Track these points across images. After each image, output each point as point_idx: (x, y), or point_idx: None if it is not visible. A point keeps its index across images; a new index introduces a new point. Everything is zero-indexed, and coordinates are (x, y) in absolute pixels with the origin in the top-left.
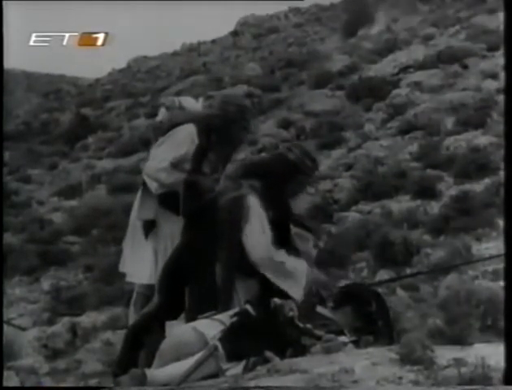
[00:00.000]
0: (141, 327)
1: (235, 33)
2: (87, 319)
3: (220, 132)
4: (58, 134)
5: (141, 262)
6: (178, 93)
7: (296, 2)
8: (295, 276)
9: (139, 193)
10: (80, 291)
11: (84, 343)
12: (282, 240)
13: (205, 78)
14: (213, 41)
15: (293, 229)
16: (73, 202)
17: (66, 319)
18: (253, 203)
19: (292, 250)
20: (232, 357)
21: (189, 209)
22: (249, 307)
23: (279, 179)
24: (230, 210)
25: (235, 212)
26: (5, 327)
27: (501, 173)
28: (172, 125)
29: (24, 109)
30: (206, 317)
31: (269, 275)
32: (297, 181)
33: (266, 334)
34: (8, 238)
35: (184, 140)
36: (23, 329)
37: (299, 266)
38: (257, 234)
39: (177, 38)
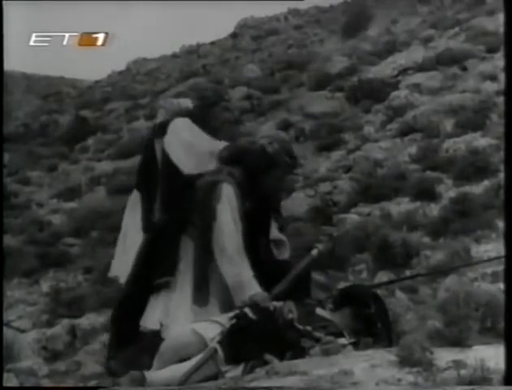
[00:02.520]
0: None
1: (234, 35)
2: (86, 321)
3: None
4: (58, 136)
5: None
6: (177, 95)
7: (295, 3)
8: (240, 287)
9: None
10: (80, 293)
11: (83, 345)
12: (255, 234)
13: (204, 80)
14: (212, 43)
15: (273, 234)
16: (72, 204)
17: (65, 321)
18: (228, 191)
19: (258, 263)
20: (232, 359)
21: (168, 188)
22: (248, 310)
23: (257, 170)
24: (205, 193)
25: (209, 196)
26: (4, 329)
27: (501, 175)
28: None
29: (24, 111)
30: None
31: (219, 264)
32: (274, 176)
33: (265, 336)
34: (7, 240)
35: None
36: (23, 331)
37: (247, 282)
38: (225, 220)
39: (177, 39)
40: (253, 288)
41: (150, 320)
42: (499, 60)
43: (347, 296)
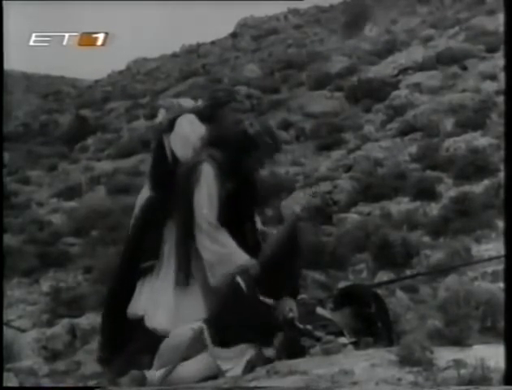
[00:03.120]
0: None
1: (234, 35)
2: (86, 321)
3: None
4: (58, 135)
5: None
6: (177, 95)
7: (295, 3)
8: (223, 259)
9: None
10: (80, 292)
11: (83, 344)
12: (236, 215)
13: (204, 79)
14: (212, 43)
15: (261, 227)
16: (72, 204)
17: (65, 321)
18: (207, 170)
19: (240, 236)
20: (218, 340)
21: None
22: (239, 279)
23: (238, 152)
24: (185, 175)
25: (188, 178)
26: (4, 328)
27: (501, 174)
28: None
29: (24, 110)
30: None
31: (202, 242)
32: (255, 157)
33: (251, 315)
34: (7, 239)
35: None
36: (23, 331)
37: (234, 253)
38: (202, 199)
39: (177, 39)
40: (241, 258)
41: (136, 306)
42: (499, 59)
43: (347, 295)
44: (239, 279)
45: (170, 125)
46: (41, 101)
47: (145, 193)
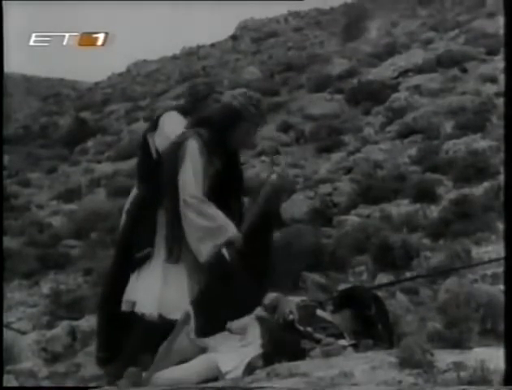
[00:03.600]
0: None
1: (234, 37)
2: (86, 323)
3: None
4: (58, 138)
5: None
6: (177, 97)
7: (295, 5)
8: (211, 232)
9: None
10: (80, 294)
11: (83, 346)
12: (222, 192)
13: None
14: (212, 45)
15: (246, 203)
16: (72, 206)
17: (65, 323)
18: (192, 146)
19: (226, 209)
20: (204, 325)
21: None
22: (225, 251)
23: (224, 126)
24: (170, 154)
25: (174, 156)
26: (4, 330)
27: (501, 177)
28: None
29: (24, 113)
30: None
31: (188, 216)
32: (242, 128)
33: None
34: (7, 242)
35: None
36: (23, 333)
37: (222, 225)
38: (187, 175)
39: (177, 40)
40: (229, 230)
41: (130, 294)
42: (499, 62)
43: (347, 297)
44: (224, 251)
45: (154, 124)
46: (41, 103)
47: (135, 192)
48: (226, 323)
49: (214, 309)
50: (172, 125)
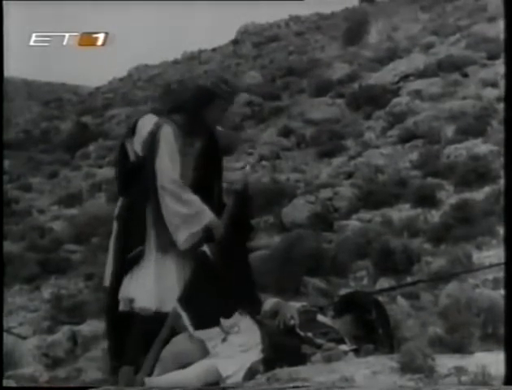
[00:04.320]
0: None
1: (235, 41)
2: (87, 328)
3: None
4: (59, 142)
5: None
6: None
7: (296, 10)
8: (189, 219)
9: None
10: (81, 299)
11: (84, 351)
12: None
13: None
14: (213, 50)
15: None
16: (73, 210)
17: (66, 328)
18: (166, 132)
19: (209, 190)
20: (195, 319)
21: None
22: (206, 248)
23: (198, 107)
24: (146, 145)
25: (149, 146)
26: (5, 335)
27: (502, 181)
28: None
29: (25, 117)
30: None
31: (165, 202)
32: (215, 106)
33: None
34: (8, 246)
35: None
36: (24, 338)
37: (200, 212)
38: (163, 160)
39: (178, 45)
40: (206, 216)
41: (126, 290)
42: (500, 66)
43: (348, 302)
44: (206, 249)
45: (131, 130)
46: (43, 108)
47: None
48: (216, 317)
49: (201, 305)
50: (149, 126)
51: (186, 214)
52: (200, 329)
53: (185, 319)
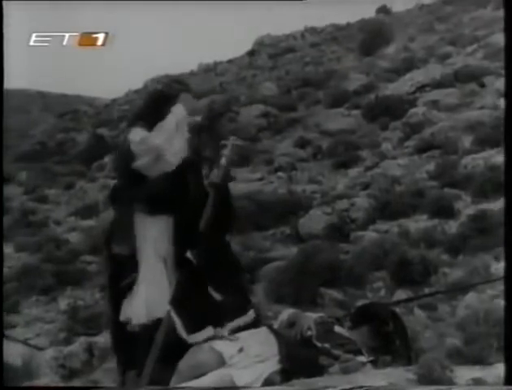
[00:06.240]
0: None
1: (251, 53)
2: (104, 339)
3: None
4: (75, 154)
5: None
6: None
7: (312, 21)
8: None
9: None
10: (97, 310)
11: (100, 363)
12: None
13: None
14: (229, 61)
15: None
16: (90, 222)
17: (83, 339)
18: (135, 131)
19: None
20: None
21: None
22: (189, 255)
23: (157, 110)
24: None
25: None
26: (22, 346)
27: None
28: None
29: (41, 129)
30: None
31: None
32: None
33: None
34: (25, 258)
35: None
36: (40, 349)
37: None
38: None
39: (194, 57)
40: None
41: (126, 311)
42: None
43: (365, 313)
44: (189, 255)
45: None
46: (58, 120)
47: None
48: (206, 320)
49: (192, 310)
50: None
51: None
52: (192, 333)
53: (178, 325)
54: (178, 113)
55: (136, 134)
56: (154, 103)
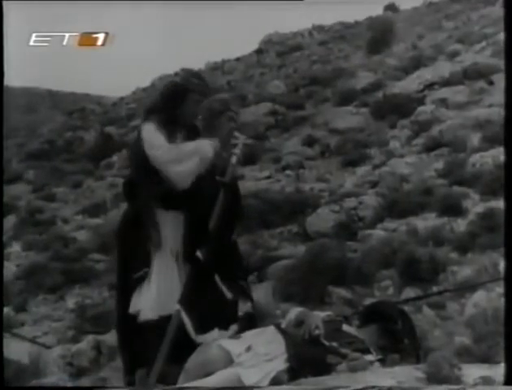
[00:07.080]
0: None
1: (259, 51)
2: (111, 337)
3: None
4: (83, 152)
5: None
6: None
7: (320, 19)
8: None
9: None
10: (105, 309)
11: (108, 361)
12: None
13: (229, 96)
14: (237, 59)
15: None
16: (98, 220)
17: (90, 337)
18: (147, 128)
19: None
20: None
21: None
22: (199, 253)
23: (173, 103)
24: (132, 145)
25: (135, 141)
26: (30, 345)
27: None
28: None
29: (49, 127)
30: None
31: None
32: (190, 100)
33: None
34: (33, 256)
35: None
36: (48, 347)
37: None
38: (148, 140)
39: (201, 55)
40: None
41: (135, 303)
42: None
43: (373, 312)
44: (198, 254)
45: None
46: (66, 118)
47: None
48: (215, 320)
49: (200, 309)
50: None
51: (183, 151)
52: (201, 333)
53: (188, 326)
54: (205, 152)
55: (151, 136)
56: (171, 95)
